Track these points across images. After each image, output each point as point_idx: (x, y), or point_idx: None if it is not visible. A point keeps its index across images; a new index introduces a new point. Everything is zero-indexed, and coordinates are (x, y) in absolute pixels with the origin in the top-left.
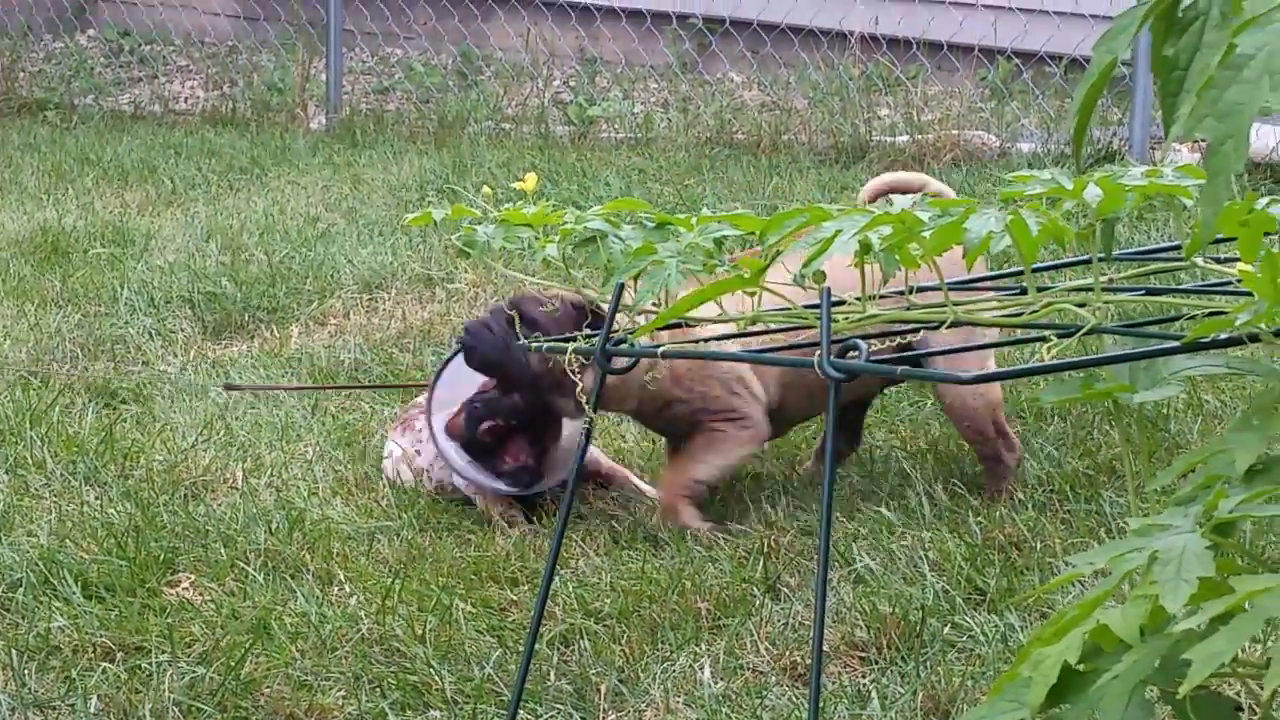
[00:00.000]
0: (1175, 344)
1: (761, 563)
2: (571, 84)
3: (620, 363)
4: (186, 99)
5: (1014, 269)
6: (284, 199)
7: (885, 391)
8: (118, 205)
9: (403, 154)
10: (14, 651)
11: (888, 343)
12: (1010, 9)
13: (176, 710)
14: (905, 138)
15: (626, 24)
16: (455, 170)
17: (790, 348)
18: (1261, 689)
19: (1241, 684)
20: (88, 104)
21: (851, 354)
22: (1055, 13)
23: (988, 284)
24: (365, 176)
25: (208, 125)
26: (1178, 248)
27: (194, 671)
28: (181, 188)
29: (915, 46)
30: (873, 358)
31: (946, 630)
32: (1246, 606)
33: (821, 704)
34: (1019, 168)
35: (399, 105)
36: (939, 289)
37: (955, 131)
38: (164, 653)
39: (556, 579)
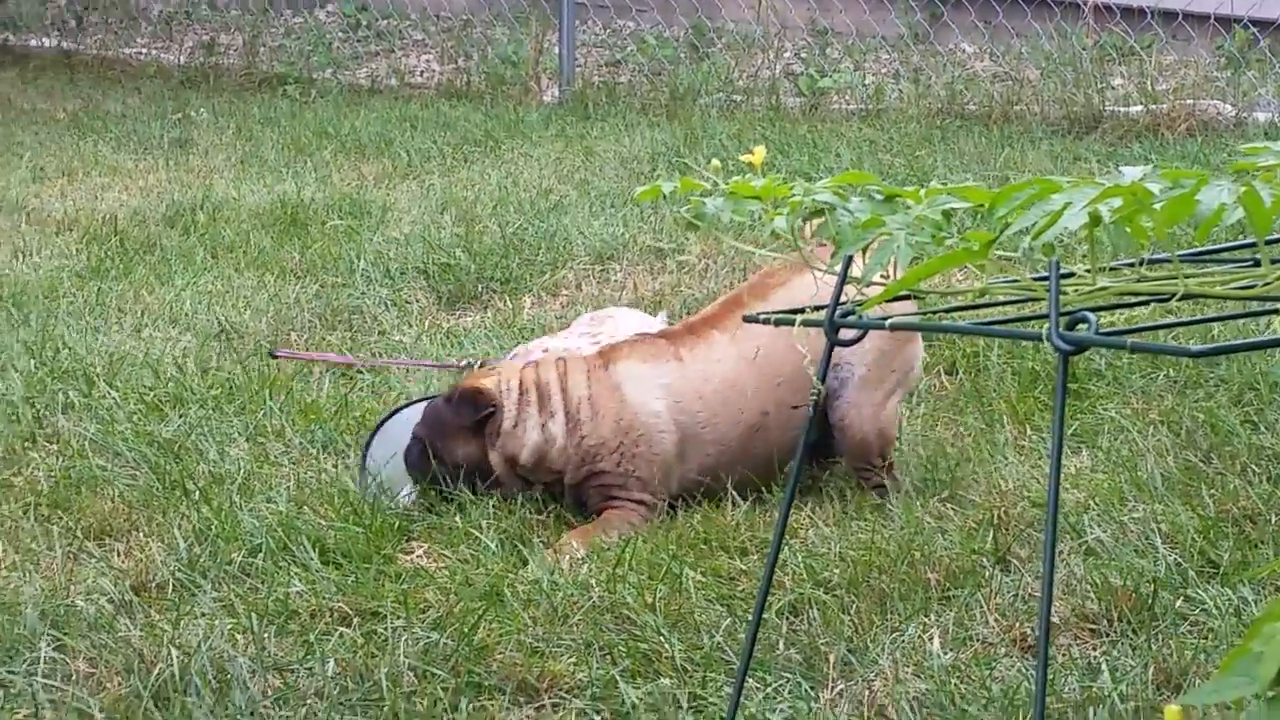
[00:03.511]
0: None
1: (991, 534)
2: (802, 55)
3: (848, 335)
4: (422, 73)
5: (1247, 241)
6: (517, 171)
7: (1119, 363)
8: (355, 178)
9: (634, 126)
10: (254, 615)
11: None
12: None
13: (411, 674)
14: (1139, 108)
15: None
16: (686, 142)
17: (1014, 320)
18: None
19: None
20: (326, 78)
21: (1080, 326)
22: None
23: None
24: (597, 149)
25: (443, 99)
26: None
27: (428, 637)
28: (417, 160)
29: (1150, 15)
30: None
31: (1178, 603)
32: None
33: (1051, 676)
34: (1255, 138)
35: (630, 78)
36: (1169, 260)
37: (1190, 101)
38: (399, 618)
39: (786, 549)
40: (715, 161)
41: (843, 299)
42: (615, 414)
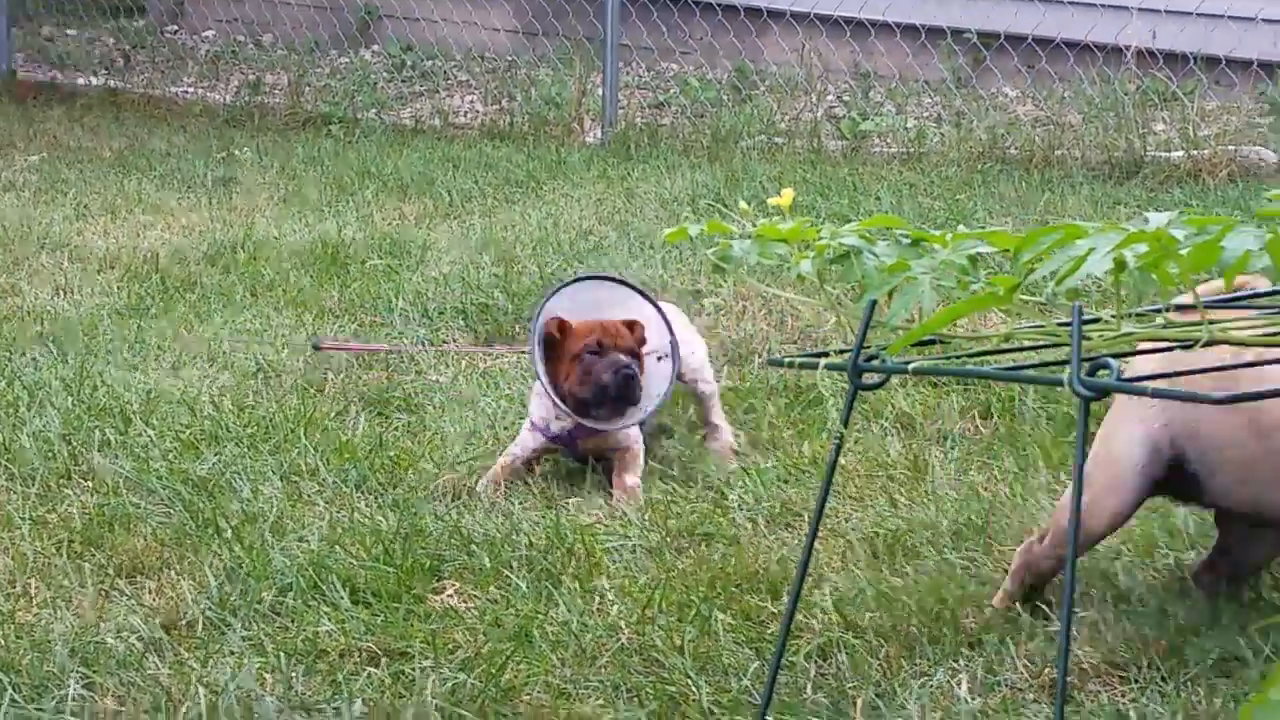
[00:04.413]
0: None
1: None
2: (845, 98)
3: (871, 379)
4: (466, 113)
5: (1275, 288)
6: (558, 212)
7: None
8: (396, 217)
9: (676, 168)
10: (283, 654)
11: None
12: None
13: (439, 715)
14: (1180, 153)
15: (900, 39)
16: (727, 184)
17: (1039, 366)
18: None
19: None
20: (370, 118)
21: (1102, 372)
22: None
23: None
24: (638, 190)
25: (486, 139)
26: None
27: (456, 677)
28: (458, 200)
29: (1192, 61)
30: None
31: (1214, 650)
32: None
33: None
34: None
35: (673, 119)
36: (1195, 307)
37: (1232, 147)
38: (427, 658)
39: (816, 591)
40: (743, 204)
41: (866, 344)
42: None
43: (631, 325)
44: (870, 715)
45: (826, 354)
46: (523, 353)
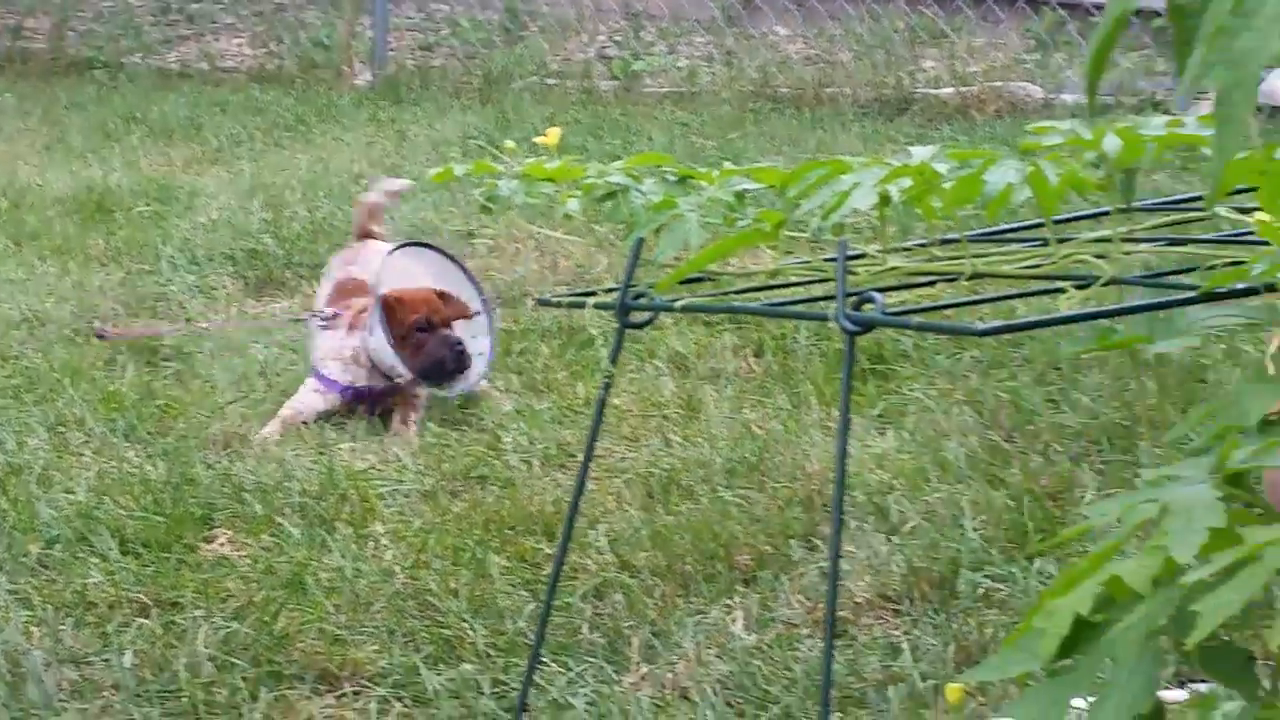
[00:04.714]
0: (1191, 294)
1: (798, 514)
2: (616, 39)
3: (639, 317)
4: (233, 57)
5: (1035, 220)
6: (328, 156)
7: (924, 344)
8: (163, 163)
9: (447, 110)
10: (50, 607)
11: None
12: None
13: (211, 665)
14: (949, 90)
15: None
16: (499, 125)
17: (808, 300)
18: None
19: (1256, 633)
20: (135, 62)
21: (867, 306)
22: None
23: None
24: (410, 133)
25: (254, 83)
26: (1200, 198)
27: (229, 626)
28: (227, 145)
29: None
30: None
31: (983, 582)
32: (1258, 557)
33: (853, 656)
34: (1063, 119)
35: (444, 61)
36: (959, 241)
37: (999, 83)
38: (199, 608)
39: (591, 532)
40: (509, 143)
41: (635, 282)
42: None
43: (443, 295)
44: (646, 654)
45: (594, 293)
46: (299, 319)
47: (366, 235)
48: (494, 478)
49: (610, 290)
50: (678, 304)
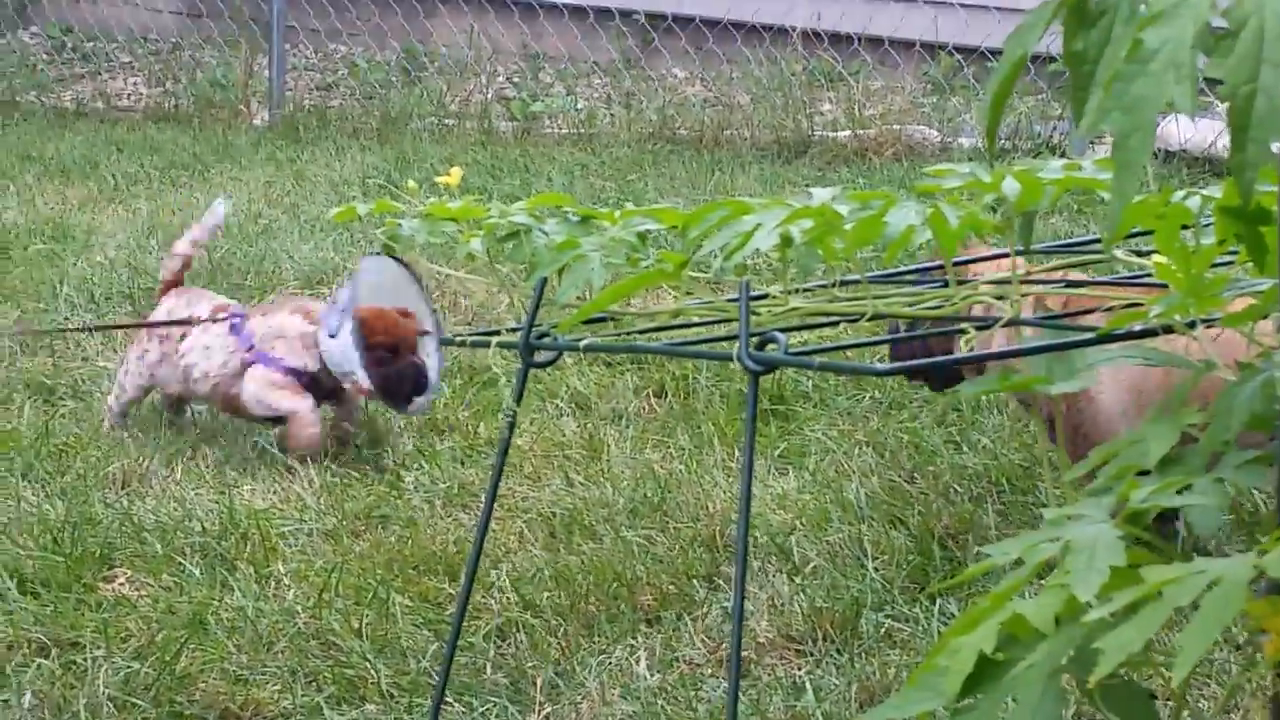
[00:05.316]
0: (1090, 335)
1: (700, 555)
2: (515, 80)
3: (543, 357)
4: (129, 95)
5: (937, 262)
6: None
7: (825, 385)
8: (59, 202)
9: (346, 150)
10: None
11: None
12: (951, 4)
13: (111, 705)
14: (847, 133)
15: (570, 20)
16: (398, 166)
17: (710, 340)
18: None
19: (1156, 672)
20: (30, 100)
21: (770, 346)
22: (996, 8)
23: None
24: (308, 173)
25: (150, 122)
26: (1098, 241)
27: (129, 666)
28: (124, 184)
29: (857, 42)
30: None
31: (885, 622)
32: (1159, 595)
33: (756, 695)
34: (960, 162)
35: (342, 102)
36: (860, 282)
37: (897, 127)
38: (99, 648)
39: (494, 572)
40: (411, 183)
41: (538, 322)
42: None
43: (406, 314)
44: (550, 694)
45: (498, 332)
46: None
47: (173, 285)
48: (396, 517)
49: (514, 330)
50: (582, 343)
